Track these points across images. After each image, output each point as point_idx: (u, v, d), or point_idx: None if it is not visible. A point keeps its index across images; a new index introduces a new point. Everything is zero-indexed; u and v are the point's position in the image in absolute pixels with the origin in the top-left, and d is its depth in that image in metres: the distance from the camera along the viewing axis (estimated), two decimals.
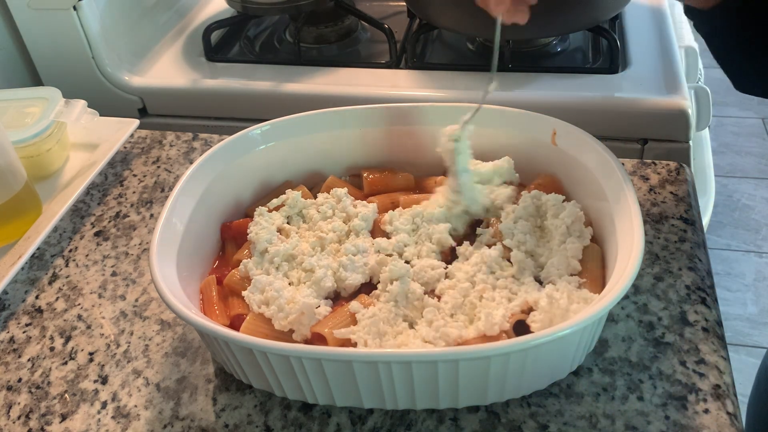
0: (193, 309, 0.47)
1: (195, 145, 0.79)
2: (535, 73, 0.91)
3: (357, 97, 0.89)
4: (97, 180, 0.75)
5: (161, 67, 1.00)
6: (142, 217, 0.70)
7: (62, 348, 0.57)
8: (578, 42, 1.00)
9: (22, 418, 0.52)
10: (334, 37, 1.04)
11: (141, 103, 0.98)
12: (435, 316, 0.49)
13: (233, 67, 0.99)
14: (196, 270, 0.55)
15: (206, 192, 0.57)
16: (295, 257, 0.55)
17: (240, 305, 0.52)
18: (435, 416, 0.49)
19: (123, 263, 0.64)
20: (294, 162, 0.63)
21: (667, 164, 0.69)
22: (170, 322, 0.58)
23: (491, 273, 0.52)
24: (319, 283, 0.52)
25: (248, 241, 0.57)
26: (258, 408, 0.51)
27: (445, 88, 0.90)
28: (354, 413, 0.50)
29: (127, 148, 0.79)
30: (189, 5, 1.13)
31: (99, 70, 0.96)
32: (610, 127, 0.84)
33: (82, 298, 0.61)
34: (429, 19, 0.94)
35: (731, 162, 2.02)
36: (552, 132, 0.58)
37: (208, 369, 0.54)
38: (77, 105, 0.74)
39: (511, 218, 0.55)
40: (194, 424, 0.50)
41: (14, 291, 0.63)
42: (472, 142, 0.59)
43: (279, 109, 0.69)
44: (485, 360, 0.43)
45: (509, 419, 0.48)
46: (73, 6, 0.90)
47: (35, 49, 0.96)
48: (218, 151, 0.59)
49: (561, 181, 0.59)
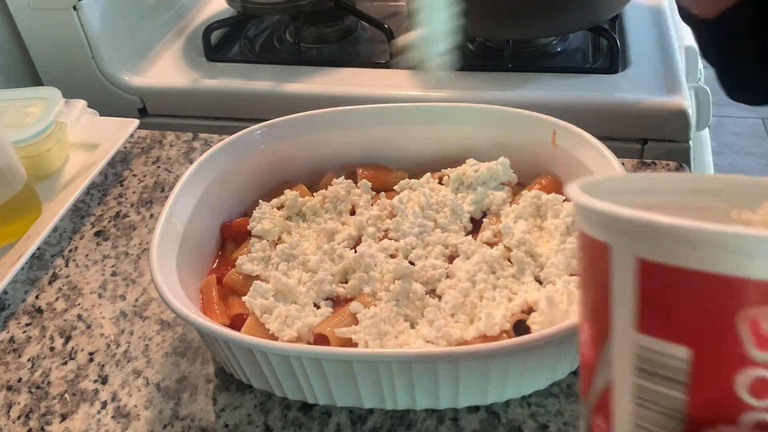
0: (193, 309, 0.47)
1: (195, 145, 0.79)
2: (535, 73, 0.91)
3: (357, 97, 0.89)
4: (97, 180, 0.75)
5: (161, 67, 1.00)
6: (142, 217, 0.70)
7: (62, 348, 0.57)
8: (578, 42, 0.99)
9: (22, 418, 0.52)
10: (334, 37, 1.04)
11: (141, 103, 0.98)
12: (436, 315, 0.49)
13: (233, 67, 0.99)
14: (196, 270, 0.55)
15: (206, 192, 0.57)
16: (296, 257, 0.55)
17: (240, 305, 0.52)
18: (435, 416, 0.49)
19: (123, 263, 0.64)
20: (294, 162, 0.63)
21: (667, 164, 0.68)
22: (170, 322, 0.58)
23: (492, 273, 0.52)
24: (320, 285, 0.52)
25: (248, 240, 0.57)
26: (258, 408, 0.51)
27: (445, 88, 0.90)
28: (354, 413, 0.50)
29: (127, 148, 0.79)
30: (189, 5, 1.13)
31: (99, 70, 0.95)
32: (610, 127, 0.84)
33: (82, 298, 0.61)
34: None
35: (731, 162, 2.02)
36: (552, 132, 0.58)
37: (208, 369, 0.54)
38: (77, 105, 0.74)
39: (511, 218, 0.55)
40: (194, 424, 0.50)
41: (14, 291, 0.63)
42: (471, 142, 0.59)
43: (279, 109, 0.69)
44: (485, 360, 0.43)
45: (509, 419, 0.49)
46: (73, 6, 0.90)
47: (35, 49, 0.96)
48: (218, 151, 0.59)
49: (561, 181, 0.59)
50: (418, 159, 0.63)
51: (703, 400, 0.24)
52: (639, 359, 0.25)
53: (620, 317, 0.25)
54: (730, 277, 0.22)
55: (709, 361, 0.23)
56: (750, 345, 0.23)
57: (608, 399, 0.27)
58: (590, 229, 0.26)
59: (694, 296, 0.23)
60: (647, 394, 0.25)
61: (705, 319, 0.23)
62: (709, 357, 0.23)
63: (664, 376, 0.24)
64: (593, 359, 0.28)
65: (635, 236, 0.24)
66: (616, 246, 0.25)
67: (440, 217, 0.57)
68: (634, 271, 0.24)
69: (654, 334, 0.24)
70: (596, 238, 0.26)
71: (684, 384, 0.24)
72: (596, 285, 0.26)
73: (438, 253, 0.54)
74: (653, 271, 0.24)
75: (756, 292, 0.22)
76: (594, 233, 0.26)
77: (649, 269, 0.24)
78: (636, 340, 0.25)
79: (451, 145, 0.62)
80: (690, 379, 0.24)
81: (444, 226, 0.56)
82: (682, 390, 0.24)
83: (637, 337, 0.25)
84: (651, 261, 0.24)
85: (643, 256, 0.24)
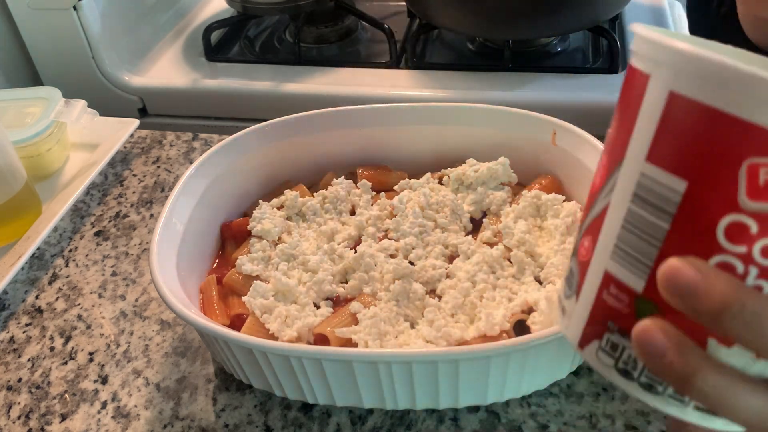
0: (193, 309, 0.47)
1: (195, 145, 0.79)
2: (535, 73, 0.91)
3: (357, 97, 0.89)
4: (97, 180, 0.75)
5: (161, 67, 1.00)
6: (142, 217, 0.70)
7: (62, 348, 0.57)
8: (578, 42, 1.00)
9: (22, 418, 0.52)
10: (334, 37, 1.04)
11: (141, 103, 0.98)
12: (436, 315, 0.49)
13: (233, 67, 0.99)
14: (196, 270, 0.55)
15: (206, 192, 0.57)
16: (296, 257, 0.55)
17: (240, 305, 0.52)
18: (435, 416, 0.49)
19: (123, 263, 0.64)
20: (294, 162, 0.63)
21: None
22: (170, 322, 0.58)
23: (492, 273, 0.52)
24: (320, 285, 0.52)
25: (248, 240, 0.57)
26: (258, 408, 0.51)
27: (445, 88, 0.90)
28: (354, 413, 0.50)
29: (127, 148, 0.79)
30: (189, 5, 1.13)
31: (99, 70, 0.96)
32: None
33: (82, 298, 0.61)
34: (429, 19, 0.94)
35: None
36: (552, 132, 0.58)
37: (208, 369, 0.54)
38: (77, 105, 0.74)
39: (511, 218, 0.55)
40: (194, 424, 0.50)
41: (14, 291, 0.63)
42: (471, 142, 0.59)
43: (279, 109, 0.70)
44: (485, 360, 0.43)
45: (509, 419, 0.49)
46: (73, 6, 0.90)
47: (35, 49, 0.96)
48: (218, 151, 0.59)
49: (561, 181, 0.59)
50: (418, 159, 0.63)
51: (683, 234, 0.26)
52: (639, 186, 0.27)
53: (636, 146, 0.27)
54: (749, 122, 0.24)
55: (702, 198, 0.25)
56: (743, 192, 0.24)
57: (601, 221, 0.29)
58: (638, 60, 0.28)
59: (710, 135, 0.25)
60: (636, 220, 0.27)
61: (712, 159, 0.25)
62: (703, 194, 0.25)
63: (657, 205, 0.27)
64: (599, 184, 0.30)
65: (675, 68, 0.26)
66: (655, 76, 0.26)
67: (440, 217, 0.57)
68: (664, 103, 0.26)
69: (661, 165, 0.26)
70: (640, 69, 0.27)
71: (671, 215, 0.26)
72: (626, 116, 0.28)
73: (438, 253, 0.54)
74: (681, 105, 0.25)
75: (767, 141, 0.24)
76: (640, 64, 0.27)
77: (678, 103, 0.25)
78: (643, 168, 0.27)
79: (451, 145, 0.62)
80: (678, 211, 0.26)
81: (444, 226, 0.56)
82: (668, 220, 0.26)
83: (644, 166, 0.27)
84: (682, 95, 0.25)
85: (676, 89, 0.26)
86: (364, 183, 0.60)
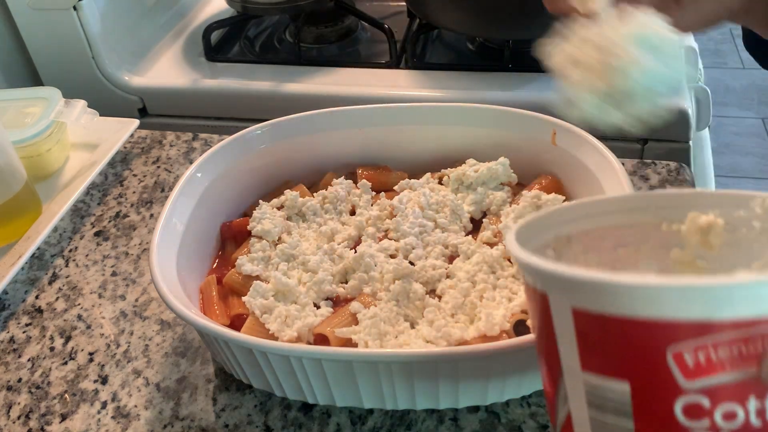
0: (193, 309, 0.47)
1: (195, 145, 0.79)
2: (535, 73, 0.91)
3: (357, 97, 0.89)
4: (97, 180, 0.75)
5: (161, 67, 1.00)
6: (142, 217, 0.70)
7: (62, 348, 0.57)
8: None
9: (22, 418, 0.52)
10: (334, 37, 1.04)
11: (141, 103, 0.98)
12: (436, 315, 0.49)
13: (233, 67, 0.99)
14: (196, 270, 0.55)
15: (206, 192, 0.57)
16: (296, 257, 0.55)
17: (240, 305, 0.52)
18: (435, 416, 0.49)
19: (123, 263, 0.64)
20: (294, 162, 0.63)
21: (667, 164, 0.68)
22: (170, 322, 0.58)
23: (492, 273, 0.52)
24: (320, 285, 0.52)
25: (248, 240, 0.57)
26: (258, 408, 0.51)
27: (445, 88, 0.90)
28: (354, 413, 0.50)
29: (127, 148, 0.79)
30: (189, 5, 1.13)
31: (99, 70, 0.96)
32: None
33: (82, 298, 0.61)
34: (429, 19, 0.94)
35: (731, 162, 2.02)
36: (552, 132, 0.58)
37: (208, 369, 0.54)
38: (77, 105, 0.74)
39: (511, 218, 0.55)
40: (194, 424, 0.50)
41: (14, 291, 0.63)
42: (471, 142, 0.59)
43: (279, 109, 0.69)
44: (485, 360, 0.43)
45: (509, 419, 0.48)
46: (73, 6, 0.90)
47: (35, 49, 0.96)
48: (218, 151, 0.59)
49: (561, 181, 0.59)
50: (418, 159, 0.63)
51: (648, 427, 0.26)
52: (589, 394, 0.28)
53: (567, 358, 0.28)
54: (651, 320, 0.25)
55: (648, 393, 0.26)
56: (680, 377, 0.25)
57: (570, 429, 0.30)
58: (529, 280, 0.29)
59: (625, 338, 0.26)
60: (601, 425, 0.28)
61: (638, 357, 0.26)
62: (647, 390, 0.26)
63: (612, 408, 0.27)
64: (553, 394, 0.30)
65: (566, 288, 0.27)
66: (552, 296, 0.28)
67: (440, 217, 0.57)
68: (571, 319, 0.27)
69: (597, 372, 0.27)
70: (536, 288, 0.29)
71: (629, 414, 0.27)
72: (544, 328, 0.29)
73: (438, 253, 0.54)
74: (587, 319, 0.27)
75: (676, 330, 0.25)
76: (533, 284, 0.29)
77: (583, 317, 0.27)
78: (583, 377, 0.28)
79: (451, 145, 0.62)
80: (634, 410, 0.26)
81: (444, 226, 0.56)
82: (629, 418, 0.27)
83: (583, 375, 0.28)
84: (583, 310, 0.26)
85: (576, 305, 0.27)
86: (364, 183, 0.60)
